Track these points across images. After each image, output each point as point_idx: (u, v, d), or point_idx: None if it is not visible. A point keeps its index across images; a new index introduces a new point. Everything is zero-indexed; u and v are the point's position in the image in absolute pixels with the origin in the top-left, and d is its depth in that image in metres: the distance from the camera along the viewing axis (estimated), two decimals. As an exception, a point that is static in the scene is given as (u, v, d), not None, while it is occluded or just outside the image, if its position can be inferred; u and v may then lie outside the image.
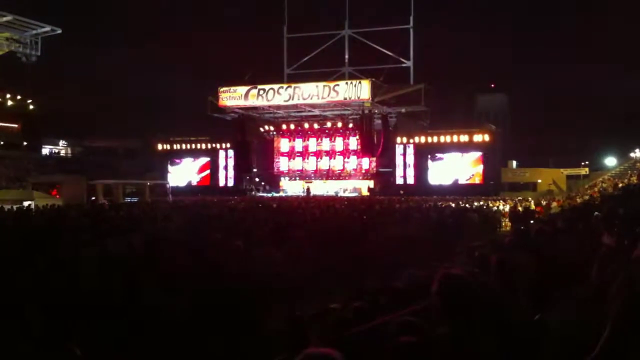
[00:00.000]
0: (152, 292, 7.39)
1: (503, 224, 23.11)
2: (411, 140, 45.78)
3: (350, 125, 48.47)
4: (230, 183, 50.54)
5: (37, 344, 3.49)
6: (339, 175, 50.27)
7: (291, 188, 49.97)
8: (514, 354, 3.28)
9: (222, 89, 45.96)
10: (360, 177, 49.50)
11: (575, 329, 3.06)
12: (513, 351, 3.34)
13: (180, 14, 71.88)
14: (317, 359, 1.83)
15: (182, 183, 50.83)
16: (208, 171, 51.95)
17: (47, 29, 38.80)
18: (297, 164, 52.08)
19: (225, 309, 8.12)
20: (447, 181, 44.49)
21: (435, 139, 45.08)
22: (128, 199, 35.91)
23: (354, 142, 49.21)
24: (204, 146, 51.89)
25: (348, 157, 50.30)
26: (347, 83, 43.58)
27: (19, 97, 52.35)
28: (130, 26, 64.93)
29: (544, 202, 27.83)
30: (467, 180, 44.39)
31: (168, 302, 7.21)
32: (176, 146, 52.78)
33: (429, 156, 45.26)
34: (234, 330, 7.33)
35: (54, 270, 8.15)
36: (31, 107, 53.11)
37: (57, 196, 34.24)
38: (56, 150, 61.95)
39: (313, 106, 46.07)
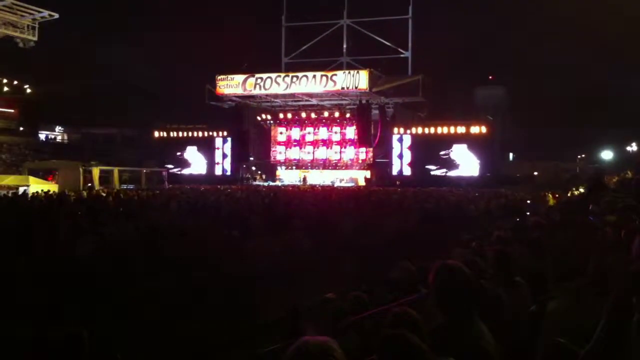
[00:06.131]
0: (150, 277, 7.40)
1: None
2: (408, 131, 45.62)
3: (348, 115, 48.33)
4: (228, 172, 50.40)
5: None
6: (336, 165, 50.21)
7: (288, 177, 49.92)
8: (510, 343, 3.31)
9: (219, 77, 45.76)
10: (357, 167, 49.44)
11: (573, 319, 3.08)
12: (510, 340, 3.37)
13: (179, 1, 71.46)
14: (313, 348, 1.84)
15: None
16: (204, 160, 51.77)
17: (45, 13, 38.51)
18: (294, 153, 51.96)
19: (223, 295, 8.15)
20: (443, 172, 44.33)
21: (432, 130, 44.93)
22: (124, 186, 35.86)
23: (351, 132, 49.11)
24: (201, 134, 51.69)
25: (345, 147, 50.21)
26: (345, 73, 43.41)
27: (15, 82, 52.22)
28: (129, 13, 64.62)
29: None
30: (463, 172, 44.16)
31: (166, 287, 7.23)
32: (173, 134, 52.59)
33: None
34: (232, 316, 7.36)
35: (51, 257, 8.15)
36: (28, 91, 53.01)
37: (53, 182, 34.13)
38: (53, 136, 61.87)
39: (310, 95, 45.94)
